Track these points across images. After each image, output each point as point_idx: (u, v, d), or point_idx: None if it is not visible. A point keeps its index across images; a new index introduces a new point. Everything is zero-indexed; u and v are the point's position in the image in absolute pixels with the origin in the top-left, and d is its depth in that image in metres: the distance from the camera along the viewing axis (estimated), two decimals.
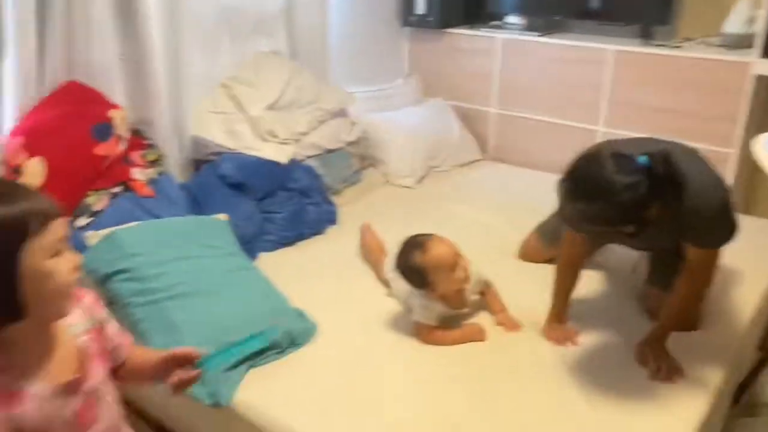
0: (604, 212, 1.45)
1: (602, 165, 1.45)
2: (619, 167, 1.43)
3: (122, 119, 2.19)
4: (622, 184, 1.41)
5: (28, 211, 0.86)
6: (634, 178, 1.42)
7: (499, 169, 3.37)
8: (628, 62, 2.95)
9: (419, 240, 1.90)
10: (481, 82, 3.43)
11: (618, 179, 1.42)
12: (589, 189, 1.46)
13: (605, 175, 1.43)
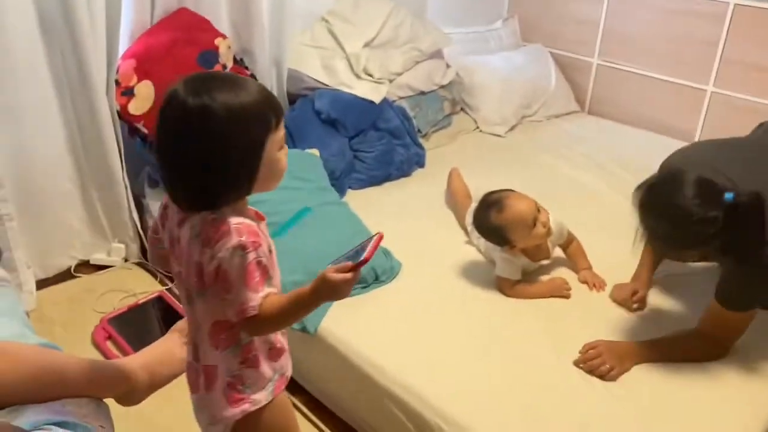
0: (670, 236, 1.41)
1: (684, 188, 1.37)
2: (701, 197, 1.35)
3: (227, 48, 2.24)
4: (697, 216, 1.34)
5: (275, 108, 1.01)
6: (712, 214, 1.34)
7: (596, 123, 3.25)
8: (749, 18, 2.74)
9: (496, 197, 1.86)
10: (584, 30, 3.28)
11: (695, 210, 1.35)
12: (662, 209, 1.42)
13: (683, 201, 1.36)
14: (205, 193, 1.00)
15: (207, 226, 1.00)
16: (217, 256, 0.99)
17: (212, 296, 1.04)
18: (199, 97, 0.95)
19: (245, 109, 0.97)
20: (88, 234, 2.31)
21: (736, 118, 2.88)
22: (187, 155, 0.97)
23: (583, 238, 2.02)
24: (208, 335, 1.08)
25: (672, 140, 3.02)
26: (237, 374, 1.10)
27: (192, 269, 1.04)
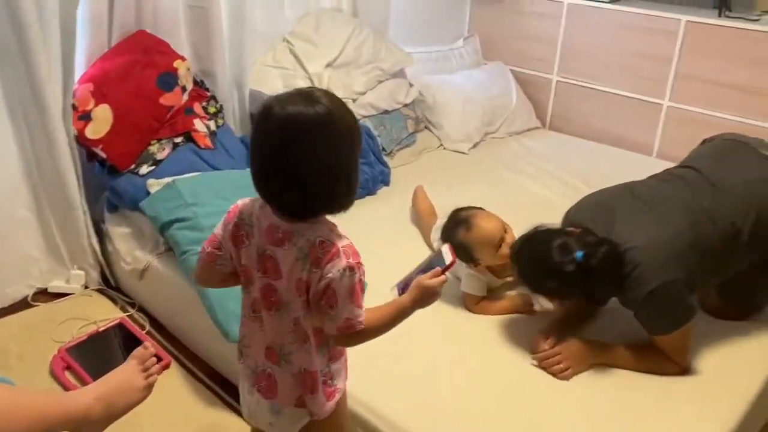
0: (535, 284, 1.65)
1: (547, 245, 1.58)
2: (560, 254, 1.56)
3: (186, 70, 2.22)
4: (555, 269, 1.55)
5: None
6: (568, 268, 1.53)
7: (557, 138, 3.30)
8: (700, 34, 2.83)
9: (465, 216, 1.87)
10: (543, 48, 3.35)
11: (553, 265, 1.56)
12: (529, 261, 1.64)
13: (545, 255, 1.58)
14: (316, 200, 1.07)
15: (315, 249, 1.07)
16: (326, 276, 1.07)
17: (315, 310, 1.12)
18: (316, 105, 1.02)
19: (355, 121, 1.08)
20: (46, 261, 2.26)
21: (691, 131, 2.95)
22: (305, 162, 1.02)
23: None
24: (313, 340, 1.16)
25: (631, 153, 3.10)
26: (326, 371, 1.20)
27: (293, 284, 1.11)
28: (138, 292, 2.23)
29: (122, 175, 2.12)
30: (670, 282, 1.53)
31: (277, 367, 1.19)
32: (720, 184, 1.67)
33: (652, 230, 1.58)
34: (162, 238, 2.06)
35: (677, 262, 1.54)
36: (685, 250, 1.56)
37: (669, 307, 1.56)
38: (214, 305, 1.80)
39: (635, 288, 1.55)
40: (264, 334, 1.20)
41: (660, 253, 1.54)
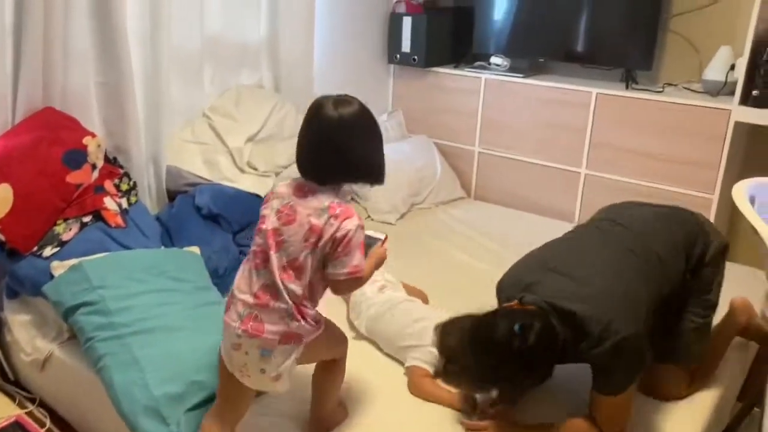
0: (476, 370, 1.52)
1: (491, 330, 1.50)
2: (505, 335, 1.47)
3: (97, 147, 2.14)
4: (505, 348, 1.45)
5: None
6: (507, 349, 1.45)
7: (482, 208, 3.34)
8: (610, 105, 2.97)
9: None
10: (464, 121, 3.44)
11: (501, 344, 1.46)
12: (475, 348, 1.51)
13: (495, 337, 1.48)
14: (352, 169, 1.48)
15: (335, 206, 1.42)
16: (344, 228, 1.41)
17: (327, 256, 1.43)
18: (354, 106, 1.52)
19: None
20: None
21: (609, 196, 3.02)
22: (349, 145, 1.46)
23: None
24: (310, 286, 1.46)
25: (554, 221, 3.16)
26: (314, 315, 1.49)
27: (306, 228, 1.42)
28: (39, 386, 2.05)
29: (23, 258, 1.98)
30: (634, 334, 1.48)
31: (264, 309, 1.44)
32: (629, 226, 1.72)
33: (597, 284, 1.54)
34: (66, 325, 1.92)
35: (634, 310, 1.51)
36: (635, 293, 1.54)
37: (631, 359, 1.50)
38: (119, 397, 1.67)
39: (599, 344, 1.47)
40: (254, 282, 1.47)
41: (615, 304, 1.50)
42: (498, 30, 3.36)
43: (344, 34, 3.31)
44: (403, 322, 1.93)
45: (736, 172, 2.88)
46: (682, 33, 2.96)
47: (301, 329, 1.45)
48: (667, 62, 3.05)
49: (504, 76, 3.27)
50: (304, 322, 1.45)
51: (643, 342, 1.49)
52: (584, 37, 3.13)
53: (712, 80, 2.79)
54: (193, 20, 2.55)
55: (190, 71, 2.62)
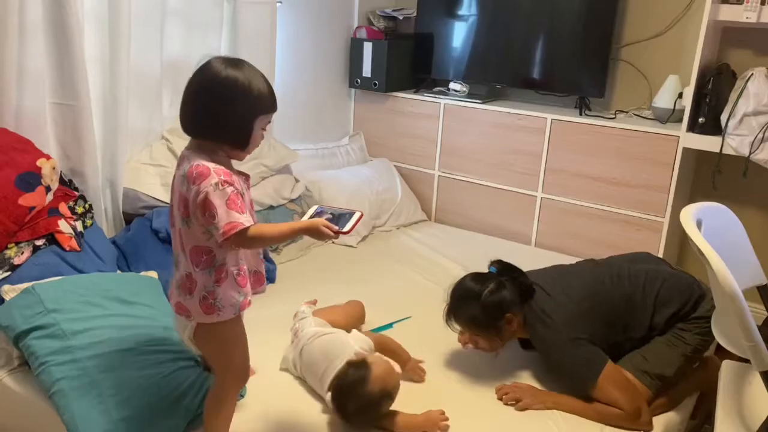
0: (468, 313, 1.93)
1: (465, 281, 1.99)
2: (479, 282, 1.95)
3: (52, 169, 2.10)
4: (479, 290, 1.91)
5: (273, 100, 1.47)
6: (488, 285, 1.91)
7: (442, 230, 3.38)
8: (564, 131, 3.06)
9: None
10: (424, 145, 3.49)
11: (477, 288, 1.92)
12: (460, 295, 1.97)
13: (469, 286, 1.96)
14: (212, 127, 1.43)
15: (192, 169, 1.40)
16: (203, 191, 1.38)
17: (196, 224, 1.42)
18: (232, 70, 1.42)
19: (257, 89, 1.43)
20: None
21: (564, 220, 3.12)
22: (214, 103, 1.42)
23: (434, 342, 2.03)
24: (189, 255, 1.46)
25: (512, 243, 3.22)
26: (210, 290, 1.47)
27: (177, 201, 1.45)
28: None
29: None
30: (575, 338, 1.83)
31: (173, 277, 1.54)
32: (613, 265, 2.05)
33: (561, 298, 1.91)
34: (16, 351, 1.86)
35: (581, 320, 1.86)
36: (588, 310, 1.88)
37: (581, 361, 1.83)
38: (77, 422, 1.63)
39: (547, 337, 1.88)
40: (175, 249, 1.52)
41: (567, 313, 1.87)
42: (457, 57, 3.43)
43: (306, 58, 3.34)
44: (311, 363, 1.88)
45: (686, 196, 3.00)
46: (633, 62, 3.08)
47: (188, 303, 1.49)
48: (619, 90, 3.16)
49: (462, 101, 3.34)
50: (189, 295, 1.48)
51: (572, 349, 1.83)
52: (540, 65, 3.22)
53: (661, 107, 2.90)
54: (152, 43, 2.54)
55: (149, 94, 2.60)
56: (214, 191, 1.37)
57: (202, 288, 1.47)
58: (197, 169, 1.39)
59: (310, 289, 2.50)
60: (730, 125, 2.60)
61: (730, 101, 2.61)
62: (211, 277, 1.47)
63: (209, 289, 1.47)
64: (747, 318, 1.34)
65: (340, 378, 1.73)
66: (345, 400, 1.69)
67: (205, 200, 1.37)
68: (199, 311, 1.48)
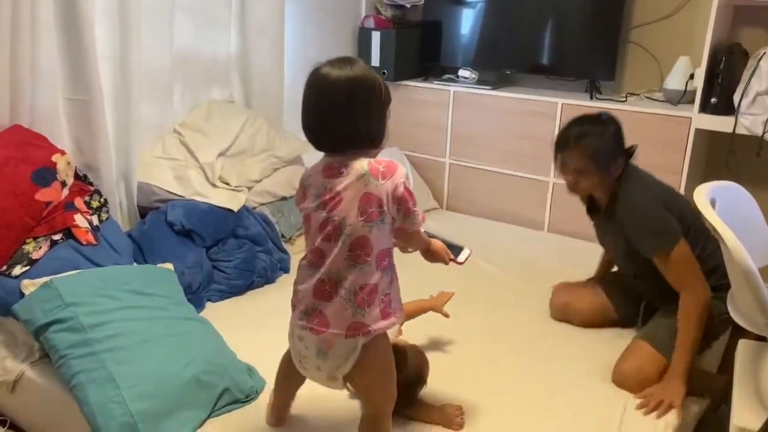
0: (587, 135, 2.00)
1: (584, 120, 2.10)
2: (593, 123, 2.07)
3: (67, 164, 2.12)
4: (596, 127, 2.04)
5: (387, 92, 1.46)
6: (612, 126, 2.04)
7: (453, 218, 3.38)
8: (575, 115, 3.02)
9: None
10: (434, 133, 3.48)
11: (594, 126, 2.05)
12: (579, 121, 2.10)
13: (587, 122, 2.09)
14: (360, 135, 1.40)
15: (375, 165, 1.37)
16: (397, 181, 1.37)
17: (388, 221, 1.38)
18: (353, 69, 1.39)
19: (385, 86, 1.45)
20: None
21: (577, 205, 3.10)
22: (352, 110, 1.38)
23: (445, 330, 2.03)
24: (376, 260, 1.38)
25: (524, 229, 3.21)
26: (386, 293, 1.42)
27: (358, 201, 1.35)
28: (9, 407, 2.00)
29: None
30: (661, 203, 1.93)
31: (327, 302, 1.39)
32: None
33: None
34: (37, 344, 1.89)
35: (671, 201, 1.97)
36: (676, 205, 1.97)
37: (664, 222, 1.90)
38: (95, 414, 1.65)
39: (636, 192, 1.97)
40: (313, 277, 1.41)
41: (659, 187, 2.01)
42: (465, 44, 3.42)
43: (314, 49, 3.33)
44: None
45: (699, 177, 2.97)
46: (643, 44, 3.06)
47: (368, 318, 1.38)
48: (630, 73, 3.14)
49: (472, 88, 3.33)
50: (369, 308, 1.38)
51: (658, 210, 1.91)
52: (549, 50, 3.20)
53: (672, 89, 2.88)
54: (162, 37, 2.56)
55: (160, 88, 2.62)
56: (406, 179, 1.40)
57: (381, 293, 1.40)
58: (379, 163, 1.37)
59: None
60: (743, 105, 2.58)
61: (743, 80, 2.58)
62: (387, 279, 1.42)
63: (385, 292, 1.42)
64: (762, 295, 1.34)
65: None
66: None
67: (405, 191, 1.38)
68: (378, 318, 1.39)
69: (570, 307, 2.29)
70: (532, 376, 1.97)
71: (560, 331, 2.26)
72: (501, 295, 2.51)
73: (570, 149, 2.00)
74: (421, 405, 1.76)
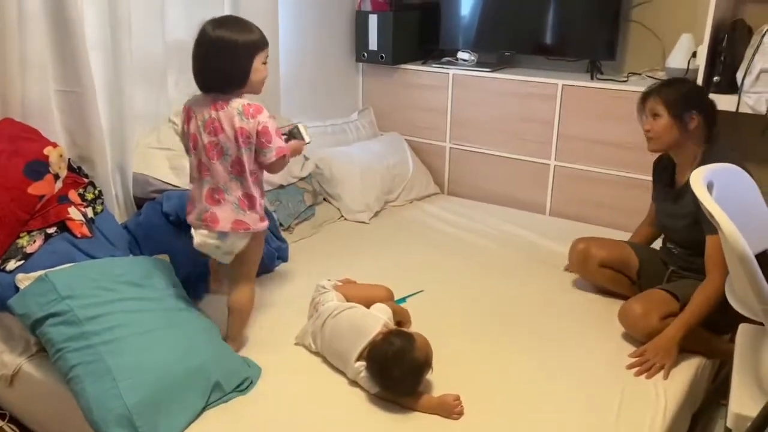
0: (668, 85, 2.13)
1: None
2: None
3: (59, 157, 2.11)
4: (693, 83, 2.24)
5: (263, 38, 1.84)
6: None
7: (455, 202, 3.36)
8: (576, 96, 3.00)
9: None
10: (434, 117, 3.45)
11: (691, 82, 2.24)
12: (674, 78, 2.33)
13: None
14: (222, 81, 1.82)
15: (246, 107, 1.81)
16: (261, 122, 1.81)
17: (256, 148, 1.83)
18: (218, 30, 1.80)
19: (239, 39, 1.79)
20: None
21: (579, 187, 3.08)
22: (214, 61, 1.80)
23: (448, 314, 2.02)
24: (250, 176, 1.86)
25: (526, 213, 3.19)
26: (261, 201, 1.93)
27: (231, 134, 1.81)
28: (8, 401, 2.02)
29: None
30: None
31: (216, 206, 1.87)
32: None
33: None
34: (33, 338, 1.90)
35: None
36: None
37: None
38: (91, 406, 1.65)
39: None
40: (203, 188, 1.88)
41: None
42: (464, 25, 3.37)
43: (310, 34, 3.30)
44: (336, 336, 1.89)
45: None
46: (644, 22, 3.00)
47: (247, 218, 1.88)
48: (631, 52, 3.08)
49: (471, 70, 3.29)
50: (250, 211, 1.88)
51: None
52: (549, 30, 3.15)
53: (674, 68, 2.82)
54: (154, 25, 2.53)
55: (154, 77, 2.59)
56: (268, 122, 1.81)
57: (258, 203, 1.89)
58: (250, 106, 1.80)
59: (323, 267, 2.51)
60: (747, 82, 2.52)
61: (746, 58, 2.52)
62: (258, 192, 1.90)
63: (259, 202, 1.91)
64: (759, 280, 1.31)
65: (384, 345, 1.75)
66: (391, 366, 1.71)
67: (265, 129, 1.81)
68: (257, 221, 1.91)
69: (590, 251, 2.30)
70: (532, 361, 1.96)
71: (563, 312, 2.25)
72: (501, 278, 2.50)
73: (651, 96, 2.10)
74: (420, 395, 1.75)
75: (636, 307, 2.02)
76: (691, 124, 2.06)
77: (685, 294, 2.00)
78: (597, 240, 2.37)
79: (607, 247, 2.32)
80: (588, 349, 2.02)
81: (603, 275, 2.30)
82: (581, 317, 2.22)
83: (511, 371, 1.91)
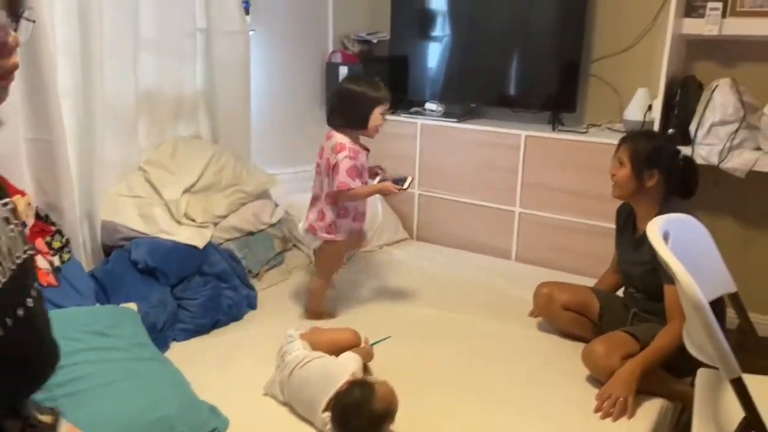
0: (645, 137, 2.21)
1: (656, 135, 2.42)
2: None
3: (27, 205, 2.10)
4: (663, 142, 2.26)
5: (386, 95, 2.43)
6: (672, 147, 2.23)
7: (423, 248, 3.41)
8: (538, 146, 3.10)
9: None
10: (404, 164, 3.51)
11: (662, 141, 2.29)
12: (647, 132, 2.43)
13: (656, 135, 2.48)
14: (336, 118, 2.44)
15: (336, 146, 2.36)
16: (338, 158, 2.34)
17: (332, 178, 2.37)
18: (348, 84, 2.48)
19: (366, 93, 2.40)
20: None
21: (543, 234, 3.16)
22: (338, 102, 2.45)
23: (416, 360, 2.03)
24: (325, 198, 2.42)
25: (493, 258, 3.25)
26: (333, 220, 2.43)
27: (324, 162, 2.41)
28: None
29: None
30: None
31: (310, 209, 2.51)
32: None
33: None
34: None
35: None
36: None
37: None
38: None
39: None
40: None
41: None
42: (432, 77, 3.48)
43: (282, 84, 3.37)
44: (303, 386, 1.88)
45: None
46: (603, 77, 3.14)
47: (317, 225, 2.45)
48: (591, 104, 3.21)
49: (439, 120, 3.38)
50: (321, 222, 2.43)
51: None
52: (513, 83, 3.28)
53: (632, 120, 2.95)
54: (126, 74, 2.56)
55: (125, 125, 2.61)
56: (342, 160, 2.33)
57: (328, 218, 2.42)
58: (340, 144, 2.35)
59: (292, 314, 2.52)
60: (699, 135, 2.65)
61: (698, 112, 2.67)
62: (334, 213, 2.42)
63: (333, 219, 2.42)
64: (713, 328, 1.37)
65: (344, 396, 1.75)
66: (350, 417, 1.71)
67: (336, 163, 2.33)
68: (323, 230, 2.44)
69: (553, 295, 2.37)
70: (499, 405, 1.97)
71: (530, 356, 2.28)
72: (468, 323, 2.53)
73: (625, 143, 2.19)
74: None
75: (598, 347, 2.07)
76: (649, 181, 2.12)
77: (645, 336, 2.06)
78: (560, 284, 2.44)
79: (569, 291, 2.38)
80: (554, 392, 2.05)
81: (566, 318, 2.36)
82: (547, 361, 2.25)
83: (479, 417, 1.92)
